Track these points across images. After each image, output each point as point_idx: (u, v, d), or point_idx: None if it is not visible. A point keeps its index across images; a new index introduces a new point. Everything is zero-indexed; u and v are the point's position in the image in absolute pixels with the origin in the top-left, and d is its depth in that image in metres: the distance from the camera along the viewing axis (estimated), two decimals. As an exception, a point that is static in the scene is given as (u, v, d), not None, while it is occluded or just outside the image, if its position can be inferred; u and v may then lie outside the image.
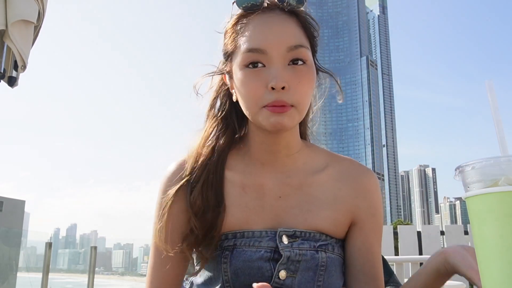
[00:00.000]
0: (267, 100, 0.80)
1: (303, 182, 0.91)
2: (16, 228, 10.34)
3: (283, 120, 0.80)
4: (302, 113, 0.83)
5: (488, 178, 0.54)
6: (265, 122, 0.81)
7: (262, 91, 0.80)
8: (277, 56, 0.81)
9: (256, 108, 0.82)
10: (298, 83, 0.81)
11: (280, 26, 0.83)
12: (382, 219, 0.95)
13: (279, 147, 0.90)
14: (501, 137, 0.58)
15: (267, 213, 0.88)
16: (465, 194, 0.57)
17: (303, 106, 0.83)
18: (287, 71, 0.81)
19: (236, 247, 0.85)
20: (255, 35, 0.82)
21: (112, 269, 19.17)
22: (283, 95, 0.79)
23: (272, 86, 0.79)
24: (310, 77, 0.84)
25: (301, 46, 0.82)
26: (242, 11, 0.86)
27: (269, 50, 0.80)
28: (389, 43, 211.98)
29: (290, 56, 0.81)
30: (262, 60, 0.81)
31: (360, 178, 0.93)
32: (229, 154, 0.93)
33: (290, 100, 0.80)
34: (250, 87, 0.81)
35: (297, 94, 0.81)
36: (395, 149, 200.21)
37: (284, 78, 0.79)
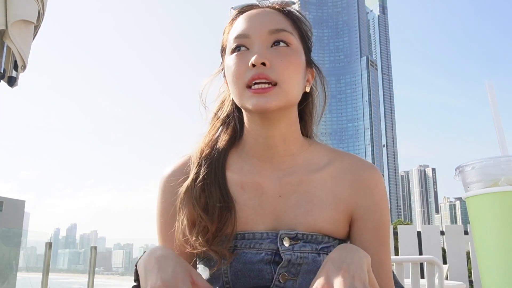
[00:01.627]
0: (248, 76, 0.81)
1: (303, 180, 0.89)
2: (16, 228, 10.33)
3: (266, 101, 0.80)
4: (288, 93, 0.83)
5: (488, 178, 0.54)
6: (249, 104, 0.82)
7: (244, 70, 0.82)
8: (259, 39, 0.84)
9: (240, 88, 0.83)
10: (280, 61, 0.82)
11: (264, 13, 0.88)
12: (386, 217, 0.90)
13: (275, 140, 0.89)
14: (501, 137, 0.58)
15: (267, 212, 0.87)
16: (465, 194, 0.57)
17: (287, 84, 0.82)
18: (270, 52, 0.83)
19: (236, 248, 0.84)
20: (241, 25, 0.87)
21: (112, 269, 19.14)
22: (264, 70, 0.81)
23: (252, 63, 0.80)
24: (294, 58, 0.85)
25: (283, 30, 0.85)
26: (237, 12, 0.91)
27: (251, 33, 0.84)
28: (389, 43, 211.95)
29: (272, 38, 0.84)
30: (245, 44, 0.85)
31: (360, 173, 0.91)
32: (229, 153, 0.93)
33: (273, 76, 0.81)
34: (234, 68, 0.84)
35: (279, 71, 0.81)
36: (395, 149, 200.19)
37: (264, 55, 0.81)
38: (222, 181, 0.88)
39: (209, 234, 0.83)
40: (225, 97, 0.98)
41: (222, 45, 0.93)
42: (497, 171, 0.54)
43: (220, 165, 0.89)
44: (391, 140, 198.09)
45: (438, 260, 2.53)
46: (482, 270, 0.56)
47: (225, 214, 0.84)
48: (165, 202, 0.90)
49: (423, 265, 2.97)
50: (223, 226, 0.83)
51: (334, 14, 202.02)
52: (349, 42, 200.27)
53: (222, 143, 0.93)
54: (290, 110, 0.88)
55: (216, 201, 0.85)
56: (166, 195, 0.91)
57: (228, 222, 0.84)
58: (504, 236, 0.52)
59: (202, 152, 0.91)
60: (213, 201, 0.85)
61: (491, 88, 0.60)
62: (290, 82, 0.83)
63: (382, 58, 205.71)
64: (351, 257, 0.68)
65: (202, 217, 0.84)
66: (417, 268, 2.53)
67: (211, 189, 0.86)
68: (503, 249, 0.52)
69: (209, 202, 0.85)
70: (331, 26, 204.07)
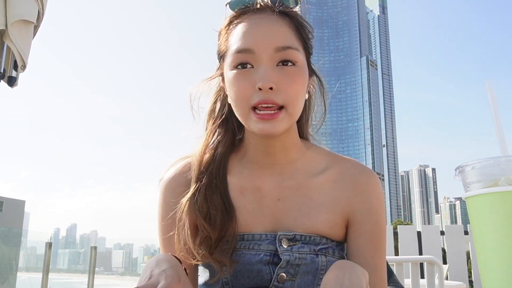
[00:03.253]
0: (255, 100, 0.79)
1: (302, 184, 0.90)
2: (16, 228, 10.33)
3: (272, 127, 0.79)
4: (293, 115, 0.82)
5: (488, 178, 0.54)
6: (254, 128, 0.81)
7: (250, 92, 0.79)
8: (265, 57, 0.80)
9: (246, 110, 0.81)
10: (287, 84, 0.80)
11: (269, 27, 0.82)
12: (382, 222, 0.90)
13: (276, 149, 0.89)
14: (501, 137, 0.58)
15: (266, 216, 0.88)
16: (465, 194, 0.57)
17: (293, 107, 0.81)
18: (276, 72, 0.80)
19: (235, 249, 0.85)
20: (244, 36, 0.82)
21: (112, 269, 19.15)
22: (271, 95, 0.78)
23: (259, 87, 0.78)
24: (300, 79, 0.82)
25: (290, 48, 0.81)
26: (235, 12, 0.87)
27: (257, 50, 0.80)
28: (389, 43, 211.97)
29: (279, 57, 0.81)
30: (250, 61, 0.81)
31: (358, 178, 0.91)
32: (229, 158, 0.93)
33: (279, 100, 0.79)
34: (238, 88, 0.81)
35: (286, 94, 0.79)
36: (395, 149, 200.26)
37: (271, 78, 0.78)
38: (223, 188, 0.88)
39: (211, 242, 0.83)
40: (222, 98, 0.96)
41: (219, 49, 0.89)
42: (497, 171, 0.54)
43: (221, 172, 0.89)
44: (391, 140, 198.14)
45: (438, 260, 2.53)
46: (482, 270, 0.56)
47: (227, 221, 0.84)
48: (167, 206, 0.90)
49: (423, 265, 2.97)
50: (224, 234, 0.84)
51: (334, 14, 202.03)
52: (349, 42, 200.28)
53: (222, 148, 0.92)
54: (292, 125, 0.88)
55: (218, 209, 0.85)
56: (167, 199, 0.91)
57: (229, 229, 0.84)
58: (504, 236, 0.52)
59: (202, 158, 0.90)
60: (215, 209, 0.85)
61: (491, 88, 0.60)
62: (296, 104, 0.82)
63: (382, 58, 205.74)
64: (349, 277, 0.67)
65: (205, 227, 0.83)
66: (417, 268, 2.53)
67: (213, 197, 0.86)
68: (503, 249, 0.52)
69: (211, 210, 0.85)
70: (331, 26, 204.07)
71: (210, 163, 0.89)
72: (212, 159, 0.90)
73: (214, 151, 0.91)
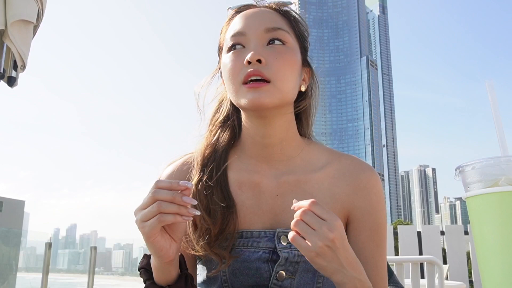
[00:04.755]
0: (244, 73, 0.82)
1: (301, 180, 0.90)
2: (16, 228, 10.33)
3: (260, 96, 0.81)
4: (282, 90, 0.83)
5: (488, 178, 0.54)
6: (244, 100, 0.82)
7: (240, 68, 0.83)
8: (255, 36, 0.85)
9: (236, 85, 0.83)
10: (276, 59, 0.83)
11: (260, 12, 0.89)
12: (382, 219, 0.90)
13: (272, 140, 0.89)
14: (501, 137, 0.58)
15: (264, 212, 0.88)
16: (465, 194, 0.57)
17: (282, 82, 0.83)
18: (265, 50, 0.84)
19: (234, 247, 0.85)
20: (238, 23, 0.88)
21: (112, 269, 19.14)
22: (259, 67, 0.81)
23: (248, 60, 0.81)
24: (290, 57, 0.85)
25: (279, 29, 0.86)
26: (234, 12, 0.92)
27: (247, 31, 0.85)
28: (389, 43, 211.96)
29: (268, 37, 0.85)
30: (242, 42, 0.85)
31: (357, 175, 0.91)
32: (229, 154, 0.93)
33: (267, 73, 0.81)
34: (230, 66, 0.85)
35: (274, 68, 0.82)
36: (395, 149, 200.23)
37: (260, 53, 0.82)
38: (223, 183, 0.88)
39: (211, 236, 0.83)
40: (223, 97, 0.98)
41: (219, 44, 0.94)
42: (497, 171, 0.54)
43: (221, 167, 0.89)
44: (391, 140, 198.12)
45: (438, 260, 2.53)
46: (482, 270, 0.55)
47: (227, 215, 0.84)
48: None
49: (423, 265, 2.97)
50: (225, 228, 0.84)
51: (334, 14, 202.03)
52: (349, 42, 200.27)
53: (222, 144, 0.93)
54: (285, 109, 0.88)
55: (218, 203, 0.85)
56: None
57: (230, 224, 0.84)
58: (504, 236, 0.52)
59: (204, 154, 0.91)
60: (215, 203, 0.85)
61: (491, 88, 0.60)
62: (284, 80, 0.83)
63: (382, 58, 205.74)
64: None
65: (205, 219, 0.84)
66: (417, 268, 2.53)
67: (213, 191, 0.86)
68: (503, 249, 0.52)
69: (212, 204, 0.85)
70: (331, 26, 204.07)
71: (211, 159, 0.90)
72: (213, 155, 0.91)
73: (215, 147, 0.92)
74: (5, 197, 9.01)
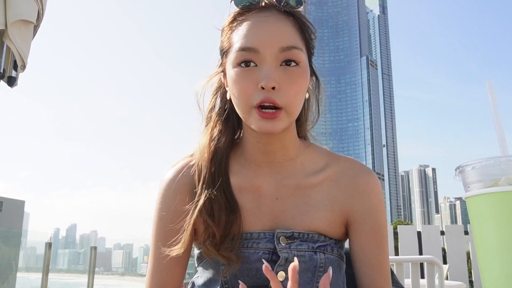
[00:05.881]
0: (257, 99, 0.79)
1: (300, 183, 0.90)
2: (16, 228, 10.30)
3: (272, 126, 0.80)
4: (292, 115, 0.83)
5: (488, 178, 0.54)
6: (254, 125, 0.81)
7: (253, 90, 0.80)
8: (270, 56, 0.80)
9: (247, 108, 0.81)
10: (289, 85, 0.80)
11: (274, 26, 0.82)
12: (383, 221, 0.90)
13: (275, 147, 0.89)
14: (501, 137, 0.58)
15: (264, 214, 0.88)
16: (465, 194, 0.57)
17: (293, 108, 0.82)
18: (279, 72, 0.80)
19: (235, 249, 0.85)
20: (249, 34, 0.82)
21: (112, 269, 19.17)
22: (273, 95, 0.79)
23: (262, 86, 0.78)
24: (302, 80, 0.83)
25: (294, 48, 0.81)
26: (239, 9, 0.86)
27: (261, 49, 0.80)
28: (389, 43, 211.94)
29: (283, 57, 0.81)
30: (254, 59, 0.81)
31: (356, 177, 0.91)
32: (229, 157, 0.93)
33: (280, 101, 0.79)
34: (241, 86, 0.81)
35: (287, 95, 0.80)
36: (395, 149, 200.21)
37: (275, 78, 0.79)
38: (226, 186, 0.88)
39: (216, 239, 0.83)
40: (221, 95, 0.96)
41: (222, 45, 0.89)
42: (497, 171, 0.54)
43: (223, 170, 0.89)
44: (391, 140, 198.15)
45: (438, 260, 2.53)
46: (482, 270, 0.55)
47: (231, 219, 0.84)
48: (166, 206, 0.90)
49: (423, 265, 2.97)
50: (229, 231, 0.84)
51: (334, 14, 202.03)
52: (349, 42, 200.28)
53: (223, 145, 0.92)
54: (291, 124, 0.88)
55: (222, 207, 0.85)
56: (166, 199, 0.90)
57: (234, 226, 0.84)
58: (504, 236, 0.52)
59: (205, 158, 0.90)
60: (218, 206, 0.85)
61: (491, 88, 0.60)
62: (296, 105, 0.82)
63: (382, 58, 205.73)
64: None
65: (209, 224, 0.84)
66: (417, 268, 2.53)
67: (216, 195, 0.86)
68: (503, 249, 0.52)
69: (215, 207, 0.85)
70: (331, 26, 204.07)
71: (213, 163, 0.89)
72: (214, 157, 0.90)
73: (215, 149, 0.91)
74: (5, 197, 9.00)
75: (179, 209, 0.88)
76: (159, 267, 0.88)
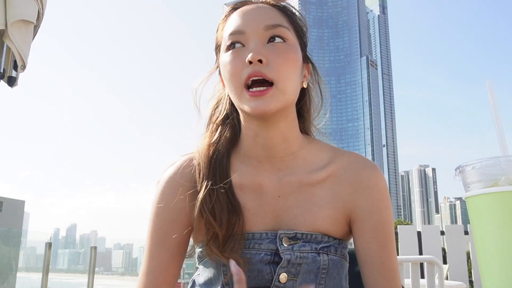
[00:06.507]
0: (245, 75, 0.79)
1: (303, 180, 0.88)
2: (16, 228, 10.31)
3: (264, 104, 0.79)
4: (285, 93, 0.81)
5: (488, 178, 0.54)
6: (247, 107, 0.80)
7: (241, 68, 0.80)
8: (255, 35, 0.82)
9: (238, 88, 0.81)
10: (277, 57, 0.80)
11: (258, 9, 0.86)
12: (387, 218, 0.87)
13: (274, 141, 0.87)
14: (501, 137, 0.58)
15: (266, 213, 0.86)
16: (465, 194, 0.57)
17: (285, 84, 0.81)
18: (267, 48, 0.81)
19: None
20: (235, 21, 0.85)
21: (112, 269, 19.16)
22: (261, 68, 0.79)
23: (249, 60, 0.79)
24: (291, 54, 0.83)
25: (279, 26, 0.83)
26: (230, 8, 0.90)
27: (247, 29, 0.83)
28: (389, 43, 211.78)
29: (269, 34, 0.82)
30: (241, 40, 0.83)
31: (359, 172, 0.88)
32: (230, 155, 0.92)
33: (270, 74, 0.79)
34: (230, 66, 0.82)
35: (276, 69, 0.80)
36: (395, 149, 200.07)
37: (261, 52, 0.80)
38: (227, 184, 0.86)
39: (219, 240, 0.81)
40: (221, 96, 0.96)
41: (216, 42, 0.91)
42: (497, 171, 0.54)
43: (224, 169, 0.88)
44: (391, 140, 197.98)
45: (438, 260, 2.53)
46: (482, 270, 0.55)
47: (234, 218, 0.83)
48: (164, 202, 0.88)
49: (423, 265, 2.97)
50: (232, 231, 0.82)
51: (334, 14, 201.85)
52: (349, 42, 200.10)
53: (224, 144, 0.91)
54: (288, 109, 0.86)
55: (223, 206, 0.83)
56: (164, 197, 0.88)
57: (236, 226, 0.82)
58: (504, 236, 0.52)
59: (206, 155, 0.89)
60: (220, 206, 0.83)
61: (491, 88, 0.60)
62: (287, 80, 0.81)
63: (382, 58, 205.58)
64: None
65: (211, 224, 0.82)
66: (417, 268, 2.53)
67: (217, 194, 0.84)
68: (503, 249, 0.52)
69: (217, 207, 0.83)
70: (331, 26, 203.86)
71: (214, 160, 0.88)
72: (215, 156, 0.89)
73: (216, 147, 0.90)
74: (5, 197, 9.00)
75: (178, 206, 0.86)
76: (153, 267, 0.86)
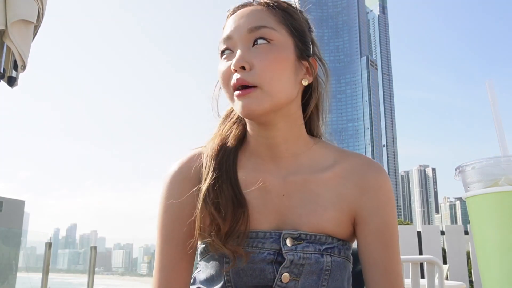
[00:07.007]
0: (233, 81, 0.80)
1: (308, 180, 0.87)
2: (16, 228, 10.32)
3: (249, 103, 0.79)
4: (272, 93, 0.80)
5: (488, 178, 0.54)
6: (237, 109, 0.82)
7: (229, 75, 0.81)
8: (240, 39, 0.82)
9: (229, 93, 0.82)
10: (259, 61, 0.80)
11: (245, 11, 0.86)
12: (392, 220, 0.87)
13: (276, 141, 0.87)
14: (501, 137, 0.58)
15: (270, 212, 0.86)
16: (465, 194, 0.57)
17: (270, 85, 0.80)
18: (252, 52, 0.81)
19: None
20: (227, 26, 0.86)
21: (112, 269, 19.16)
22: (243, 75, 0.79)
23: (233, 68, 0.79)
24: (276, 55, 0.82)
25: (263, 27, 0.82)
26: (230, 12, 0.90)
27: (234, 34, 0.83)
28: (389, 43, 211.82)
29: (253, 37, 0.82)
30: (230, 46, 0.84)
31: (364, 174, 0.88)
32: (238, 152, 0.91)
33: (251, 79, 0.79)
34: (221, 74, 0.83)
35: (258, 73, 0.79)
36: (395, 149, 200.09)
37: (244, 58, 0.80)
38: (234, 179, 0.86)
39: (221, 233, 0.81)
40: None
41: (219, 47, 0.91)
42: (497, 171, 0.54)
43: (231, 164, 0.88)
44: (391, 140, 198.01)
45: (438, 260, 2.53)
46: (482, 270, 0.55)
47: (238, 213, 0.83)
48: (172, 197, 0.88)
49: (423, 265, 2.97)
50: (236, 225, 0.82)
51: (334, 14, 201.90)
52: (349, 42, 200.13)
53: (232, 141, 0.91)
54: (287, 109, 0.86)
55: (228, 200, 0.83)
56: (171, 192, 0.88)
57: (241, 221, 0.82)
58: (504, 236, 0.52)
59: (216, 150, 0.89)
60: (225, 199, 0.83)
61: (491, 88, 0.60)
62: (272, 81, 0.80)
63: (382, 58, 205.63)
64: None
65: (214, 216, 0.82)
66: (417, 268, 2.52)
67: (223, 188, 0.84)
68: (504, 249, 0.52)
69: (221, 201, 0.83)
70: (331, 26, 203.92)
71: (221, 155, 0.88)
72: (222, 149, 0.89)
73: (225, 143, 0.90)
74: (5, 197, 9.02)
75: (185, 201, 0.86)
76: (165, 263, 0.86)
